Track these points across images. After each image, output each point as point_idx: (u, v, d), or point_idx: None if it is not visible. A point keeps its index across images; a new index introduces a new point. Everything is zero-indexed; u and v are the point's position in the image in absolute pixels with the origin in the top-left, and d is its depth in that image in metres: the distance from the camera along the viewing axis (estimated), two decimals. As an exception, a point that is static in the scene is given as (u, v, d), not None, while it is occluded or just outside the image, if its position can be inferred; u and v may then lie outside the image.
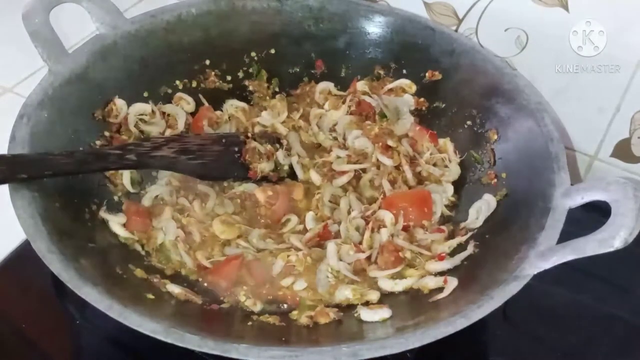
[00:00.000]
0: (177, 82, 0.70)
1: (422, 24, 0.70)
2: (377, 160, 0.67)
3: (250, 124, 0.71)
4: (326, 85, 0.74)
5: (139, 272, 0.54)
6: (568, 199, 0.51)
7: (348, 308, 0.55)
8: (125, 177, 0.62)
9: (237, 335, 0.49)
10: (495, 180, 0.62)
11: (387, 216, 0.62)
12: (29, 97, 0.57)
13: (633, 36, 0.62)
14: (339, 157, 0.68)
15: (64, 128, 0.58)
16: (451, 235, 0.61)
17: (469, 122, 0.67)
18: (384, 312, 0.52)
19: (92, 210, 0.57)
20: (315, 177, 0.67)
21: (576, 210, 0.51)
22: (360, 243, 0.60)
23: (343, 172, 0.66)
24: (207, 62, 0.71)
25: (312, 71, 0.75)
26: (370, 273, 0.58)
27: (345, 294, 0.56)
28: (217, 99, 0.72)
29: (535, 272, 0.47)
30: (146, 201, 0.62)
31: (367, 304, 0.55)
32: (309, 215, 0.63)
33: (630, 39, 0.62)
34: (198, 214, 0.62)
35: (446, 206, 0.65)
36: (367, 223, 0.62)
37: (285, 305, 0.56)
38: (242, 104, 0.73)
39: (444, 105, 0.70)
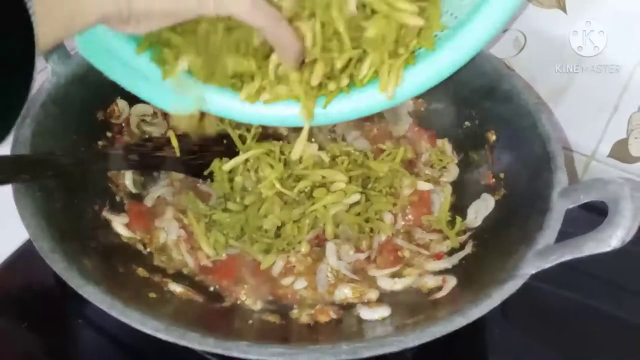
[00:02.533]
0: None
1: (421, 25, 0.70)
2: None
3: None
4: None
5: (141, 272, 0.55)
6: (566, 199, 0.52)
7: (348, 307, 0.55)
8: (128, 178, 0.62)
9: (237, 334, 0.49)
10: (494, 180, 0.63)
11: (386, 216, 0.62)
12: (32, 97, 0.57)
13: (633, 36, 0.62)
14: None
15: (66, 129, 0.59)
16: (450, 235, 0.62)
17: (467, 123, 0.67)
18: (384, 311, 0.53)
19: (95, 210, 0.58)
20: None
21: (574, 210, 0.51)
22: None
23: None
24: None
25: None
26: (369, 272, 0.58)
27: (344, 292, 0.56)
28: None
29: (534, 272, 0.48)
30: (148, 201, 0.62)
31: (366, 302, 0.55)
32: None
33: (628, 39, 0.63)
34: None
35: (445, 206, 0.65)
36: (367, 223, 0.62)
37: (286, 304, 0.56)
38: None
39: (442, 105, 0.70)
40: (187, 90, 0.51)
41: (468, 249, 0.58)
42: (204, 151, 0.62)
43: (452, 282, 0.54)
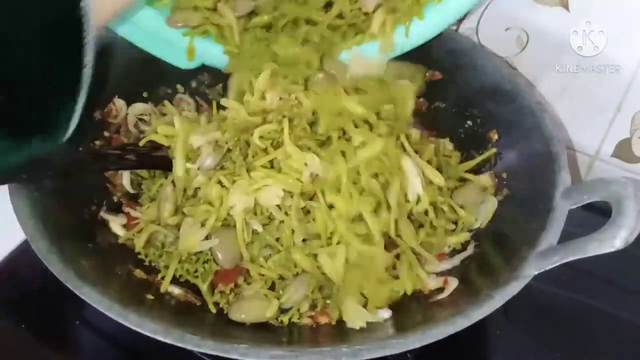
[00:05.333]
0: (178, 82, 0.70)
1: (422, 24, 0.69)
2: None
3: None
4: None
5: (139, 273, 0.54)
6: (569, 199, 0.51)
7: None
8: (125, 178, 0.61)
9: (236, 336, 0.48)
10: (496, 180, 0.62)
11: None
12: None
13: (633, 36, 0.62)
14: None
15: (64, 128, 0.58)
16: (451, 236, 0.61)
17: (469, 122, 0.67)
18: (384, 313, 0.52)
19: (92, 211, 0.57)
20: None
21: (577, 211, 0.51)
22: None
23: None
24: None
25: (312, 72, 0.75)
26: (370, 273, 0.58)
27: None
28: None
29: (536, 273, 0.47)
30: (146, 202, 0.62)
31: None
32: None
33: (630, 39, 0.62)
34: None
35: (446, 206, 0.65)
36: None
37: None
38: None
39: (444, 105, 0.70)
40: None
41: (470, 250, 0.57)
42: None
43: (453, 283, 0.54)
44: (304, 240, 0.54)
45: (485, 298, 0.46)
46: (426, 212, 0.57)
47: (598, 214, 0.51)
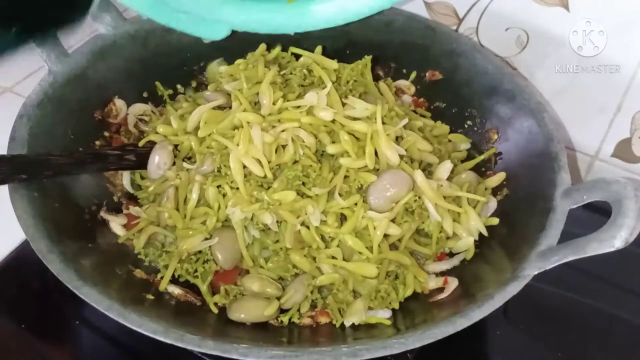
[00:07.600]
0: (177, 82, 0.70)
1: (422, 24, 0.69)
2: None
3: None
4: (326, 86, 0.74)
5: (139, 273, 0.54)
6: (569, 199, 0.51)
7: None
8: (125, 178, 0.61)
9: (236, 336, 0.48)
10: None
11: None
12: (29, 97, 0.57)
13: (633, 36, 0.62)
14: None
15: (64, 128, 0.58)
16: (451, 236, 0.61)
17: (469, 122, 0.67)
18: (385, 313, 0.52)
19: (92, 211, 0.57)
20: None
21: (577, 210, 0.51)
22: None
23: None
24: (207, 62, 0.71)
25: (312, 71, 0.75)
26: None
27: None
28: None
29: (536, 272, 0.47)
30: (146, 202, 0.62)
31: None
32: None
33: (630, 39, 0.62)
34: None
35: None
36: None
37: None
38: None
39: (444, 105, 0.70)
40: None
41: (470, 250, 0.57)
42: None
43: (453, 283, 0.54)
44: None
45: (485, 298, 0.46)
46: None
47: (598, 214, 0.51)
